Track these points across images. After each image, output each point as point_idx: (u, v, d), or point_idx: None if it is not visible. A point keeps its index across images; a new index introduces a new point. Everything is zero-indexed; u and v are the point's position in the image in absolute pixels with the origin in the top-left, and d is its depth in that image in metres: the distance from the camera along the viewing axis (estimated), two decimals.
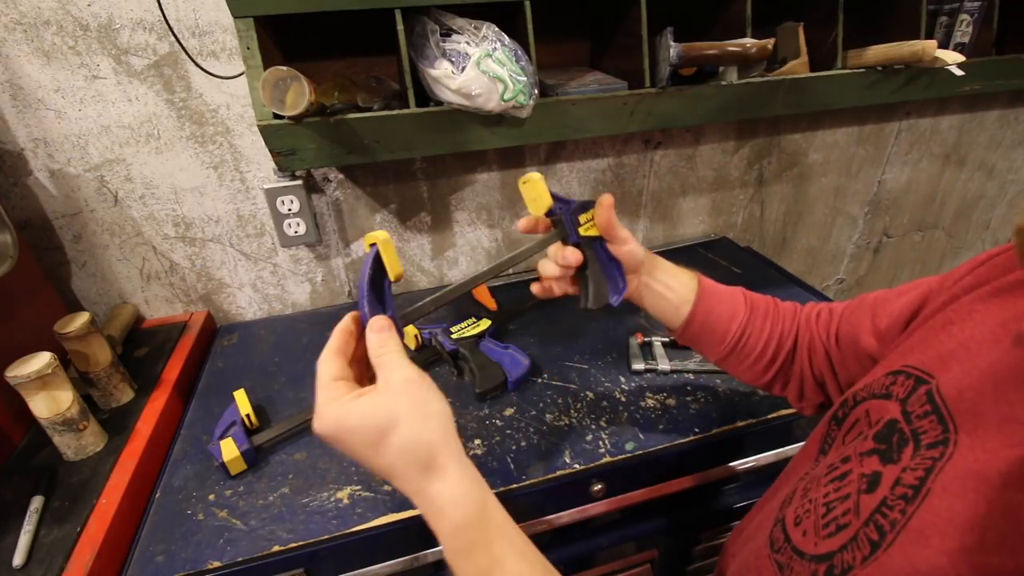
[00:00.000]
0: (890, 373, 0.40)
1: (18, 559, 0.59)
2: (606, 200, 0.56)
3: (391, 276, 0.44)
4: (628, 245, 0.57)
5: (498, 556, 0.36)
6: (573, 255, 0.55)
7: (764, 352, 0.57)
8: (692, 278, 0.59)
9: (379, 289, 0.44)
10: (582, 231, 0.56)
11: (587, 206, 0.57)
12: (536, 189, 0.55)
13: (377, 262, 0.43)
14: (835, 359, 0.53)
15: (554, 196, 0.56)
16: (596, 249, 0.57)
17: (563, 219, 0.56)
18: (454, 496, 0.37)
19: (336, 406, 0.38)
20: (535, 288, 0.60)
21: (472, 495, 0.38)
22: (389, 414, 0.37)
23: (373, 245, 0.44)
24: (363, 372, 0.44)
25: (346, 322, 0.43)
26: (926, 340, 0.40)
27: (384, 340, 0.41)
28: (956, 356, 0.36)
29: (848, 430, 0.41)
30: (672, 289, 0.58)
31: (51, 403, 0.68)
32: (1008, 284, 0.36)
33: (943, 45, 0.98)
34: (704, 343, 0.60)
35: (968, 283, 0.40)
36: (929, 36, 0.97)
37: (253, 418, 0.76)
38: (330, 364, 0.40)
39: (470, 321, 0.91)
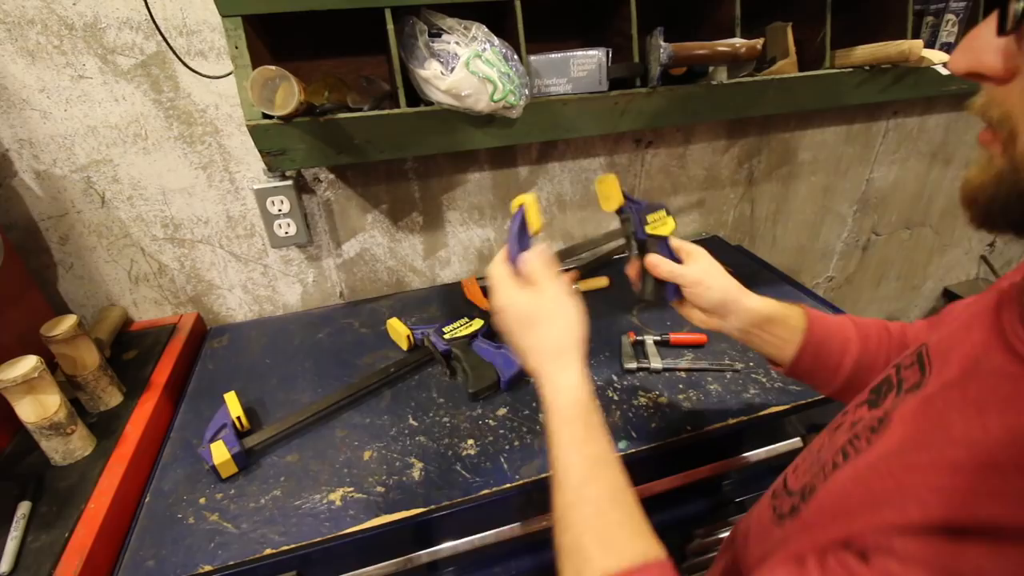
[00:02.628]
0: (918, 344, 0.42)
1: (4, 566, 0.58)
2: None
3: (532, 231, 0.54)
4: (696, 287, 0.59)
5: (592, 436, 0.44)
6: (633, 267, 0.64)
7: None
8: (800, 318, 0.58)
9: (524, 240, 0.54)
10: (649, 229, 0.63)
11: (656, 207, 0.63)
12: (609, 188, 0.62)
13: (524, 219, 0.54)
14: None
15: (625, 196, 0.63)
16: (660, 247, 0.63)
17: (632, 216, 0.63)
18: (573, 380, 0.46)
19: (509, 291, 0.50)
20: (630, 271, 0.66)
21: (585, 389, 0.46)
22: (543, 309, 0.49)
23: (521, 206, 0.55)
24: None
25: (503, 252, 0.54)
26: (947, 323, 0.42)
27: (545, 261, 0.51)
28: (959, 318, 0.39)
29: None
30: (770, 333, 0.58)
31: (38, 407, 0.67)
32: None
33: (929, 45, 1.00)
34: (816, 380, 0.59)
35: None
36: (915, 36, 0.99)
37: (244, 420, 0.75)
38: (502, 266, 0.52)
39: (463, 321, 0.91)
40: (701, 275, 0.59)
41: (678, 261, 0.61)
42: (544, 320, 0.48)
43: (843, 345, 0.56)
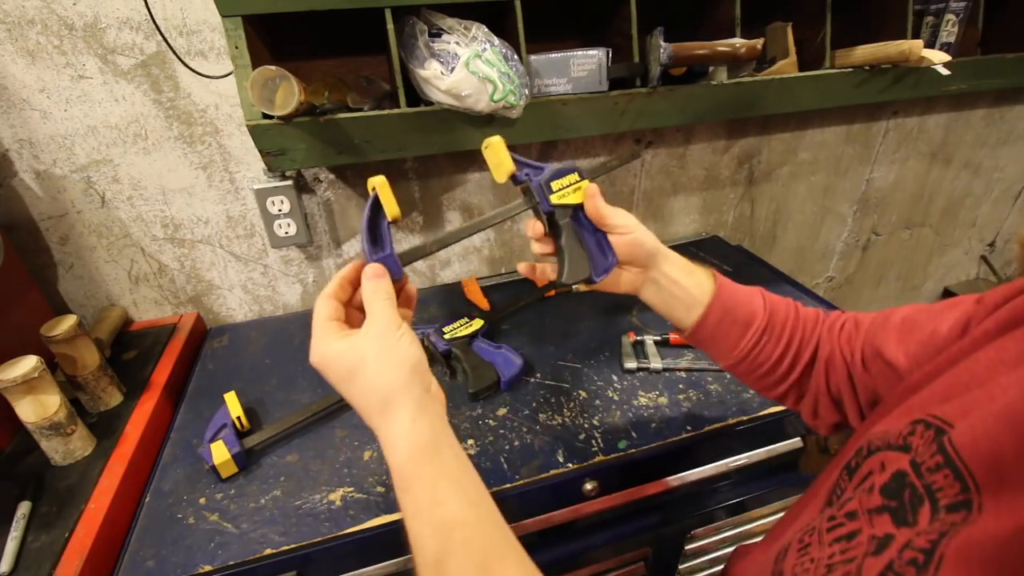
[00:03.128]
0: (912, 422, 0.35)
1: (4, 566, 0.58)
2: (590, 190, 0.52)
3: (389, 216, 0.46)
4: (631, 234, 0.52)
5: (440, 498, 0.37)
6: (534, 228, 0.53)
7: (779, 363, 0.52)
8: (708, 277, 0.54)
9: (376, 230, 0.46)
10: (555, 199, 0.51)
11: (564, 172, 0.51)
12: (497, 154, 0.50)
13: (376, 205, 0.46)
14: (856, 377, 0.49)
15: (520, 162, 0.51)
16: (576, 219, 0.52)
17: (531, 187, 0.51)
18: (402, 434, 0.38)
19: (323, 342, 0.42)
20: (521, 267, 0.58)
21: (421, 437, 0.38)
22: (359, 356, 0.40)
23: (373, 190, 0.46)
24: (359, 315, 0.46)
25: (347, 270, 0.46)
26: (953, 386, 0.35)
27: (375, 287, 0.43)
28: (979, 403, 0.32)
29: (859, 483, 0.37)
30: (684, 288, 0.53)
31: (38, 407, 0.67)
32: None
33: (929, 45, 1.00)
34: (715, 348, 0.55)
35: (1004, 317, 0.36)
36: (916, 36, 0.99)
37: (244, 420, 0.75)
38: (324, 305, 0.43)
39: (463, 321, 0.91)
40: (635, 224, 0.53)
41: (603, 235, 0.53)
42: (363, 368, 0.40)
43: (748, 317, 0.52)
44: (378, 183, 0.46)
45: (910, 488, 0.32)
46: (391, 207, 0.46)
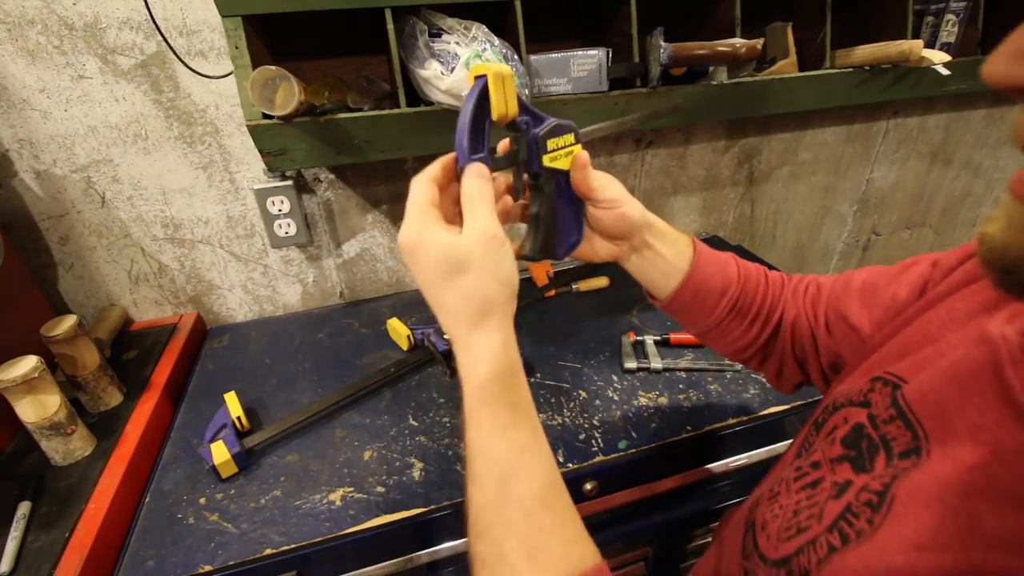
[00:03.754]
0: (872, 379, 0.37)
1: (4, 566, 0.58)
2: (579, 160, 0.48)
3: (495, 116, 0.39)
4: (620, 207, 0.49)
5: (517, 421, 0.38)
6: (508, 185, 0.48)
7: (749, 329, 0.54)
8: (688, 245, 0.53)
9: (480, 130, 0.40)
10: (547, 160, 0.45)
11: (563, 130, 0.45)
12: (504, 90, 0.40)
13: (482, 99, 0.39)
14: (820, 340, 0.51)
15: (524, 106, 0.43)
16: (559, 186, 0.47)
17: (527, 139, 0.44)
18: (494, 351, 0.38)
19: (425, 226, 0.38)
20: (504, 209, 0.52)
21: (510, 358, 0.38)
22: (466, 257, 0.37)
23: (480, 77, 0.39)
24: (452, 210, 0.43)
25: (447, 158, 0.42)
26: (908, 344, 0.38)
27: (480, 187, 0.39)
28: (930, 360, 0.34)
29: (825, 436, 0.40)
30: (664, 258, 0.53)
31: (38, 407, 0.67)
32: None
33: (929, 45, 1.00)
34: (688, 317, 0.55)
35: (957, 279, 0.38)
36: (916, 36, 0.99)
37: (244, 420, 0.75)
38: (426, 188, 0.39)
39: None
40: (624, 197, 0.50)
41: (580, 207, 0.50)
42: (468, 271, 0.37)
43: (724, 285, 0.53)
44: (491, 72, 0.38)
45: (867, 439, 0.34)
46: (499, 104, 0.39)
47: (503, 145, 0.46)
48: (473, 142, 0.39)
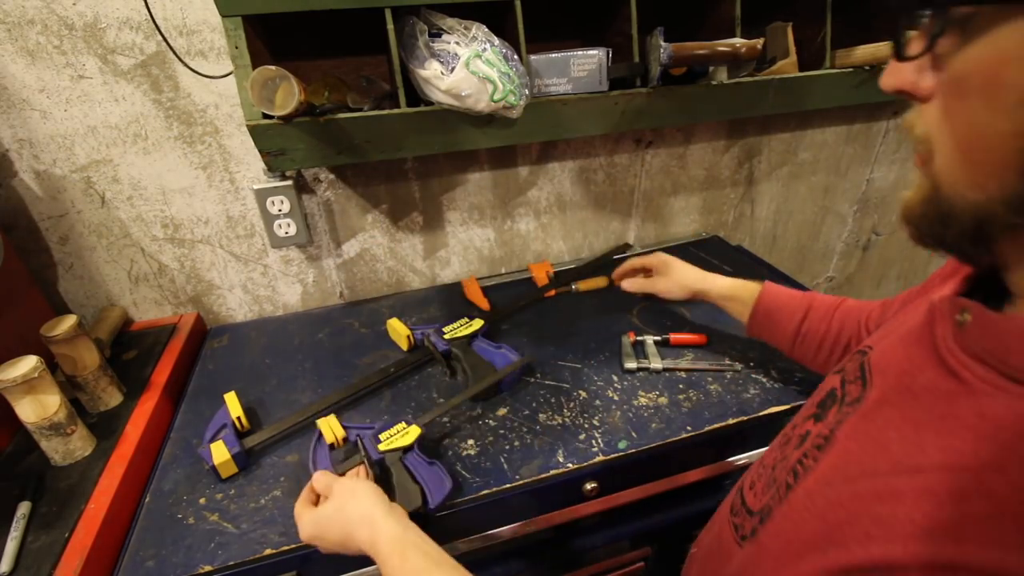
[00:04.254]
0: (856, 352, 0.43)
1: (4, 566, 0.58)
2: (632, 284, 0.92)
3: (328, 439, 0.71)
4: (671, 295, 0.83)
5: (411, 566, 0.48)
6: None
7: (821, 348, 0.67)
8: (755, 291, 0.75)
9: (324, 456, 0.69)
10: (383, 446, 0.66)
11: (391, 424, 0.69)
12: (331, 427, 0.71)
13: (320, 442, 0.71)
14: None
15: (349, 428, 0.72)
16: (410, 455, 0.66)
17: (363, 443, 0.66)
18: (390, 534, 0.50)
19: (309, 514, 0.56)
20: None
21: (396, 532, 0.50)
22: (336, 506, 0.55)
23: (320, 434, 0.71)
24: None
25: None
26: (890, 323, 0.44)
27: (321, 479, 0.59)
28: (894, 329, 0.41)
29: (809, 404, 0.46)
30: (729, 310, 0.79)
31: (38, 407, 0.67)
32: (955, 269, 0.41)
33: None
34: (772, 338, 0.74)
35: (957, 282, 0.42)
36: None
37: (244, 420, 0.75)
38: (304, 497, 0.60)
39: (463, 321, 0.91)
40: (670, 288, 0.84)
41: (435, 462, 0.66)
42: (341, 511, 0.54)
43: (791, 314, 0.70)
44: (326, 427, 0.70)
45: (831, 396, 0.41)
46: (329, 433, 0.70)
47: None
48: (317, 462, 0.68)
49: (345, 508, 0.53)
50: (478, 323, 0.91)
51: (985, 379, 0.29)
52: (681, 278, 0.83)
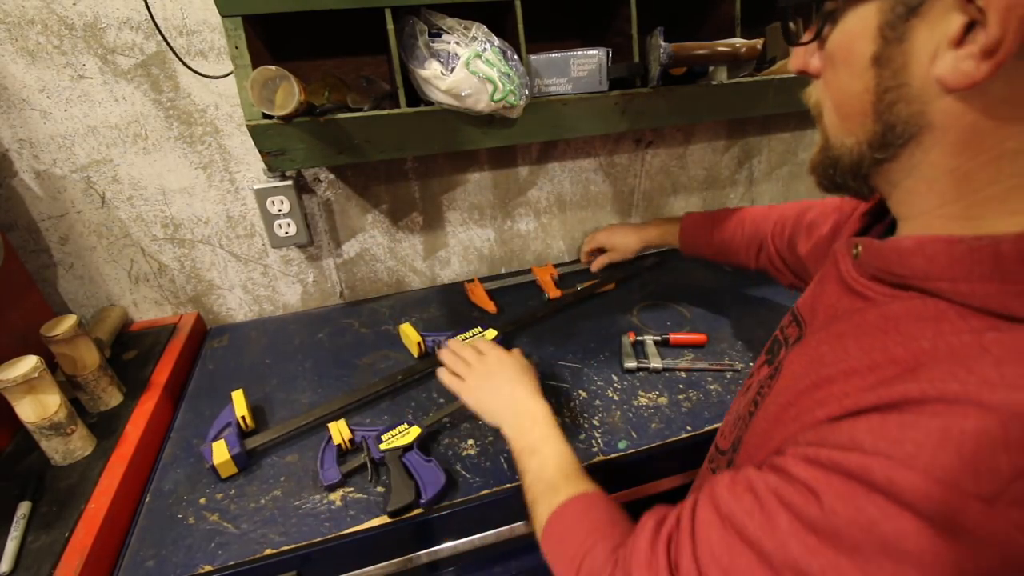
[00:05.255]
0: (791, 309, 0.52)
1: (4, 566, 0.58)
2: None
3: (336, 440, 0.73)
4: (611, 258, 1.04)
5: (536, 435, 0.62)
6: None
7: (744, 261, 0.88)
8: (677, 225, 0.98)
9: (332, 455, 0.72)
10: (384, 445, 0.69)
11: (394, 426, 0.72)
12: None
13: (328, 445, 0.73)
14: (787, 260, 0.79)
15: (355, 430, 0.73)
16: (408, 453, 0.69)
17: (367, 443, 0.70)
18: (534, 412, 0.64)
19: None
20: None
21: (540, 412, 0.64)
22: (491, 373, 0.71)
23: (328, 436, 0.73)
24: None
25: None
26: (817, 271, 0.50)
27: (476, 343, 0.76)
28: (820, 278, 0.47)
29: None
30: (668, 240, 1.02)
31: (38, 407, 0.67)
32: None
33: None
34: (700, 254, 0.96)
35: (856, 222, 0.50)
36: None
37: (249, 420, 0.75)
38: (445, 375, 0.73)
39: (476, 330, 0.90)
40: (623, 254, 1.10)
41: (429, 459, 0.69)
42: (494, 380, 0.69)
43: (707, 232, 0.93)
44: (335, 430, 0.72)
45: (776, 342, 0.49)
46: (337, 435, 0.72)
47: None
48: (324, 464, 0.70)
49: (502, 390, 0.67)
50: (491, 333, 0.90)
51: (881, 292, 0.37)
52: (625, 247, 1.09)
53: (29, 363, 0.66)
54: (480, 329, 0.90)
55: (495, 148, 1.07)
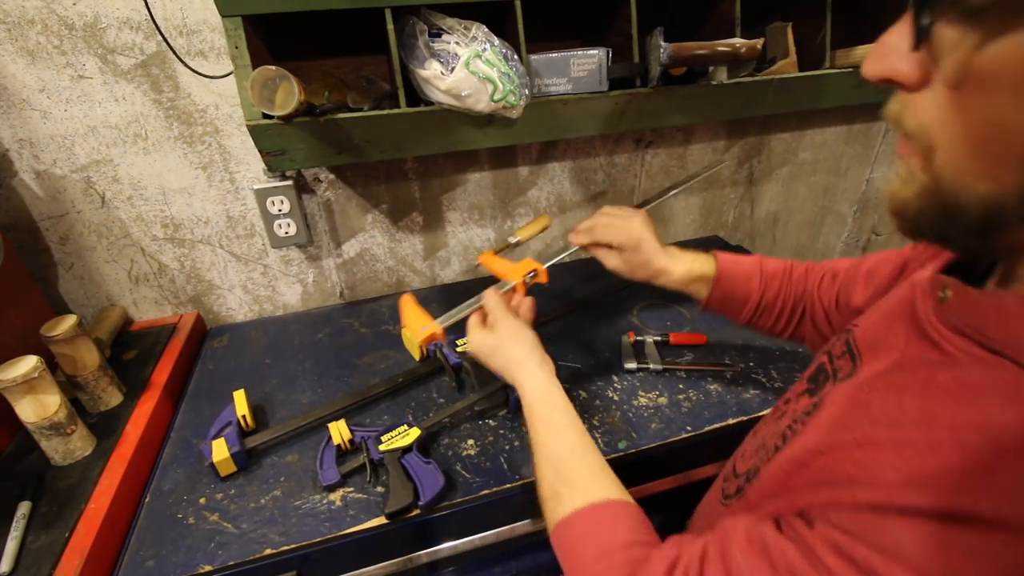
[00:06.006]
0: (843, 331, 0.46)
1: (5, 566, 0.58)
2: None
3: (335, 441, 0.72)
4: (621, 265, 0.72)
5: (555, 412, 0.56)
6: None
7: (780, 319, 0.67)
8: (712, 268, 0.67)
9: (331, 456, 0.71)
10: (384, 447, 0.69)
11: (396, 425, 0.72)
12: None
13: (328, 446, 0.72)
14: (833, 320, 0.62)
15: (353, 431, 0.72)
16: (405, 455, 0.68)
17: (367, 444, 0.70)
18: (535, 382, 0.59)
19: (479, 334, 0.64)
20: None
21: (545, 383, 0.59)
22: (500, 339, 0.63)
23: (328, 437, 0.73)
24: None
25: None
26: (877, 305, 0.46)
27: (493, 306, 0.66)
28: (879, 308, 0.43)
29: (802, 380, 0.49)
30: (699, 291, 0.69)
31: (38, 407, 0.67)
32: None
33: None
34: (727, 314, 0.70)
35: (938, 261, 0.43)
36: None
37: (250, 419, 0.75)
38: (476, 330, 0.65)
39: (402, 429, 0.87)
40: (632, 270, 0.71)
41: (429, 461, 0.68)
42: (500, 349, 0.61)
43: (747, 291, 0.66)
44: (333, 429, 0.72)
45: (823, 372, 0.44)
46: (336, 435, 0.72)
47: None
48: (324, 463, 0.70)
49: (504, 348, 0.61)
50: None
51: (965, 350, 0.30)
52: (645, 274, 0.70)
53: (29, 363, 0.66)
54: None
55: (495, 148, 1.07)
